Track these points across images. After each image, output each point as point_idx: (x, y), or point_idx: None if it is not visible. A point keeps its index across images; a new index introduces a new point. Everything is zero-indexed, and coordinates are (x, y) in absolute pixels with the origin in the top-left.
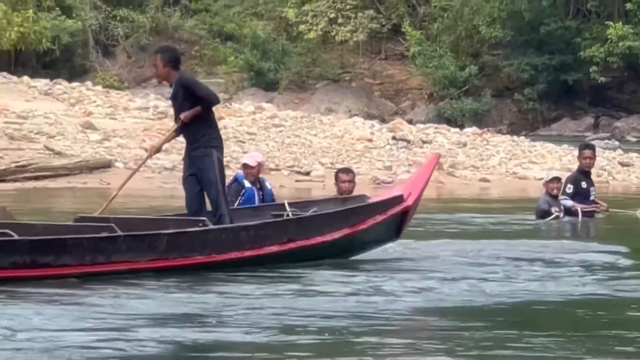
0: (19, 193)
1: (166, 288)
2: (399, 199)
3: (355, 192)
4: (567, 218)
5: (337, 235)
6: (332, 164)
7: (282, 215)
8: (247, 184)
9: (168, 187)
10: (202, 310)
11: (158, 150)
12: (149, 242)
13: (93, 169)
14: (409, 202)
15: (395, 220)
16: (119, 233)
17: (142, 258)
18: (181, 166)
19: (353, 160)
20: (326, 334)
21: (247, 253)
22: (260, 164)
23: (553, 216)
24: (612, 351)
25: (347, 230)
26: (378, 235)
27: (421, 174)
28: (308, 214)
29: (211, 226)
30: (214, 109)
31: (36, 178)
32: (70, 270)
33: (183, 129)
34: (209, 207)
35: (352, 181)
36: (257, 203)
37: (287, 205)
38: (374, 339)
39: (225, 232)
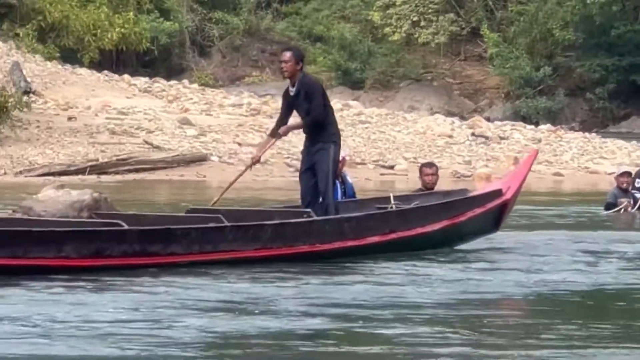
0: (120, 185)
1: (222, 278)
2: (498, 193)
3: (437, 186)
4: (637, 210)
5: (436, 226)
6: (414, 158)
7: (386, 208)
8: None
9: (260, 179)
10: (252, 299)
11: (258, 161)
12: (254, 232)
13: (190, 162)
14: (508, 195)
15: (494, 213)
16: (226, 223)
17: (247, 247)
18: (273, 160)
19: (434, 155)
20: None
21: (350, 243)
22: (344, 159)
23: (622, 206)
24: None
25: (446, 222)
26: (477, 227)
27: (521, 170)
28: (410, 206)
29: (315, 217)
30: None
31: (136, 171)
32: (178, 259)
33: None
34: None
35: (435, 174)
36: (339, 196)
37: (392, 198)
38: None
39: (329, 223)
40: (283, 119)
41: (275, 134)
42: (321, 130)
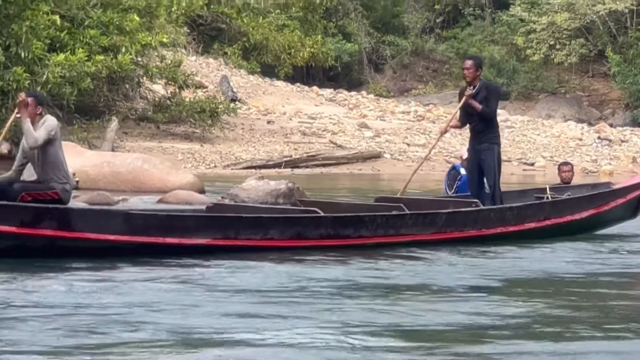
0: (309, 177)
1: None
2: (637, 186)
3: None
4: None
5: (584, 214)
6: (551, 157)
7: (543, 198)
8: (462, 171)
9: (423, 173)
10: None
11: (444, 131)
12: (431, 219)
13: (366, 158)
14: None
15: (633, 202)
16: (407, 212)
17: (424, 232)
18: (435, 157)
19: (567, 154)
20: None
21: (511, 228)
22: (461, 157)
23: None
24: None
25: (592, 210)
26: (618, 215)
27: None
28: (562, 197)
29: (482, 207)
30: None
31: (322, 165)
32: (366, 241)
33: (473, 126)
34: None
35: (570, 171)
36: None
37: (548, 189)
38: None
39: (493, 211)
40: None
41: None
42: (488, 131)
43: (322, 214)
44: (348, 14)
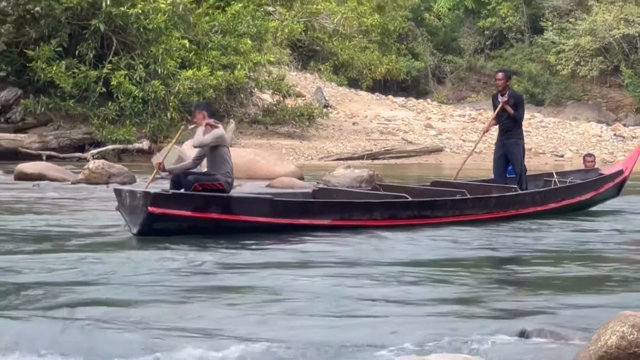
0: (386, 166)
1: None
2: (621, 172)
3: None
4: None
5: (589, 195)
6: (577, 150)
7: (551, 181)
8: None
9: (475, 163)
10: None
11: (486, 130)
12: (485, 201)
13: (431, 152)
14: (626, 173)
15: (618, 185)
16: (468, 196)
17: (480, 211)
18: (485, 152)
19: (589, 148)
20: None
21: (539, 208)
22: None
23: None
24: None
25: (593, 192)
26: (607, 195)
27: (632, 157)
28: (571, 181)
29: (520, 191)
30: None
31: (397, 157)
32: (440, 220)
33: (502, 124)
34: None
35: (593, 161)
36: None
37: (554, 174)
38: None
39: (527, 195)
40: (496, 115)
41: (491, 122)
42: (515, 129)
43: (410, 198)
44: (416, 38)
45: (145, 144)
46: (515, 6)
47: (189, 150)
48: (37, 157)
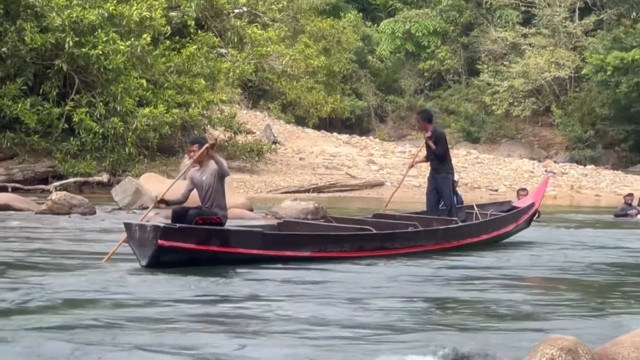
0: (330, 199)
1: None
2: (533, 205)
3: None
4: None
5: (512, 227)
6: (510, 184)
7: (472, 214)
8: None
9: (417, 196)
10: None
11: (411, 166)
12: (434, 233)
13: (373, 186)
14: (537, 205)
15: (531, 217)
16: (420, 228)
17: (429, 243)
18: (423, 185)
19: (522, 182)
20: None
21: (475, 239)
22: (456, 181)
23: (628, 215)
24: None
25: (514, 224)
26: (522, 227)
27: (539, 190)
28: (493, 214)
29: (460, 223)
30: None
31: (341, 191)
32: (398, 251)
33: (432, 159)
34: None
35: (526, 195)
36: (456, 203)
37: (475, 207)
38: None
39: (466, 227)
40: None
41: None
42: (444, 163)
43: (374, 231)
44: (360, 79)
45: (104, 177)
46: (453, 50)
47: (146, 184)
48: (3, 189)
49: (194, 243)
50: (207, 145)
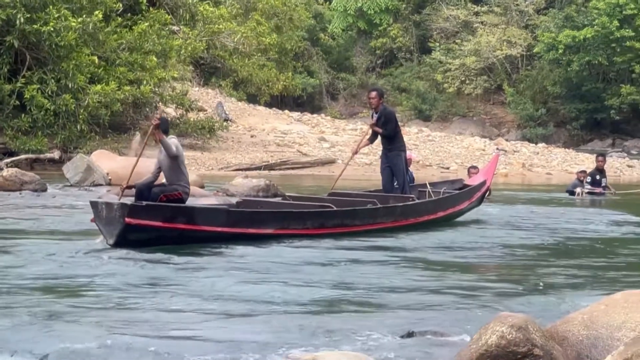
0: (282, 177)
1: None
2: (484, 182)
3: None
4: (587, 196)
5: (466, 204)
6: (462, 162)
7: (425, 192)
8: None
9: (367, 174)
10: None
11: (355, 152)
12: (392, 210)
13: (324, 163)
14: (488, 183)
15: (483, 194)
16: (379, 205)
17: (388, 220)
18: (375, 163)
19: (474, 160)
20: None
21: (431, 216)
22: (411, 158)
23: (578, 192)
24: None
25: (468, 201)
26: (475, 204)
27: (490, 168)
28: (445, 191)
29: (416, 200)
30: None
31: (292, 168)
32: (358, 228)
33: (383, 139)
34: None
35: (476, 173)
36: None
37: (428, 185)
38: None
39: (423, 204)
40: (371, 135)
41: (365, 142)
42: (395, 142)
43: (335, 208)
44: (311, 57)
45: (56, 154)
46: (405, 28)
47: (97, 161)
48: None
49: (161, 221)
50: (152, 126)
